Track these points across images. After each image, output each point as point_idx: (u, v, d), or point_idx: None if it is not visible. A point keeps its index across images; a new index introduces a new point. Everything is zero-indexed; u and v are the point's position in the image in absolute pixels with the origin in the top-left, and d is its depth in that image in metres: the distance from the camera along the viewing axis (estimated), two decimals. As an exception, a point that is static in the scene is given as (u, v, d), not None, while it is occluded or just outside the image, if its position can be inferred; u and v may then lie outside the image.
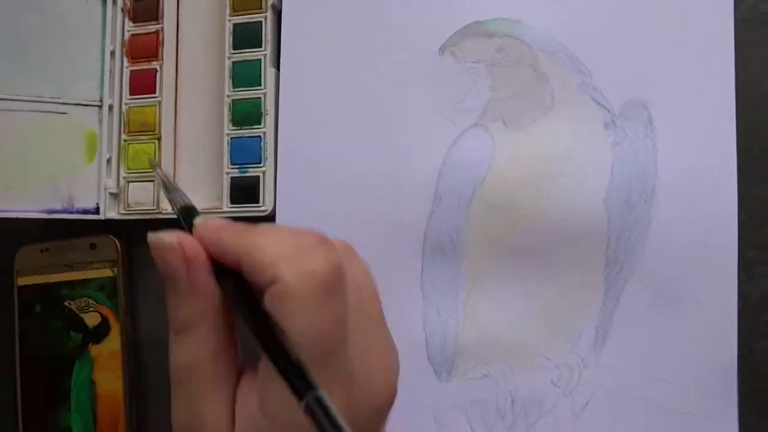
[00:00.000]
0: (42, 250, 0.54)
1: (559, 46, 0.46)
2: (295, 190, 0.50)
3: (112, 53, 0.53)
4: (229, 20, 0.51)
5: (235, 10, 0.51)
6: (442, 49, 0.48)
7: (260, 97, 0.50)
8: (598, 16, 0.45)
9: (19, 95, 0.51)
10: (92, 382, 0.53)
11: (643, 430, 0.44)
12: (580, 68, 0.45)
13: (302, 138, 0.50)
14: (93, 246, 0.53)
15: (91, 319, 0.53)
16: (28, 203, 0.51)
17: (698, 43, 0.43)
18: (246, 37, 0.51)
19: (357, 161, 0.49)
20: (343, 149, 0.49)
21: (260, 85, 0.50)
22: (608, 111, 0.45)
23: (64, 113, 0.52)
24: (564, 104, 0.45)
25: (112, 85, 0.53)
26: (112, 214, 0.53)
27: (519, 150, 0.46)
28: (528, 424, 0.46)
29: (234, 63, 0.51)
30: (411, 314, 0.48)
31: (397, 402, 0.47)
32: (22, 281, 0.54)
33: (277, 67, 0.51)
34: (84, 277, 0.53)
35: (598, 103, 0.45)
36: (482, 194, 0.46)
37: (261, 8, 0.50)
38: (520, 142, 0.46)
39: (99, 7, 0.53)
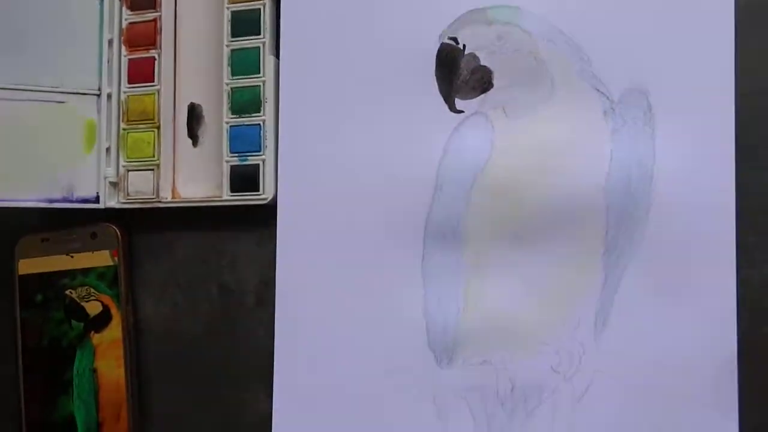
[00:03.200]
0: (43, 240, 0.54)
1: (558, 34, 0.45)
2: (297, 178, 0.50)
3: (110, 42, 0.53)
4: (228, 8, 0.51)
5: (236, -2, 0.51)
6: (441, 37, 0.47)
7: (259, 85, 0.50)
8: (597, 3, 0.45)
9: (17, 84, 0.51)
10: (94, 371, 0.53)
11: (643, 416, 0.44)
12: (579, 55, 0.45)
13: (303, 126, 0.50)
14: (94, 235, 0.53)
15: (92, 308, 0.53)
16: (28, 193, 0.51)
17: (698, 31, 0.43)
18: (245, 24, 0.50)
19: (358, 149, 0.49)
20: (343, 137, 0.49)
21: (259, 73, 0.50)
22: (608, 98, 0.45)
23: (63, 102, 0.52)
24: (563, 92, 0.46)
25: (110, 74, 0.53)
26: (112, 203, 0.53)
27: (519, 137, 0.46)
28: (528, 410, 0.46)
29: (233, 51, 0.51)
30: (412, 301, 0.48)
31: (397, 388, 0.48)
32: (23, 271, 0.54)
33: (276, 55, 0.51)
34: (84, 266, 0.53)
35: (598, 91, 0.45)
36: (483, 182, 0.47)
37: (259, -5, 0.50)
38: (520, 130, 0.46)
39: (97, -4, 0.53)
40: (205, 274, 0.52)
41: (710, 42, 0.43)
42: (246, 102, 0.50)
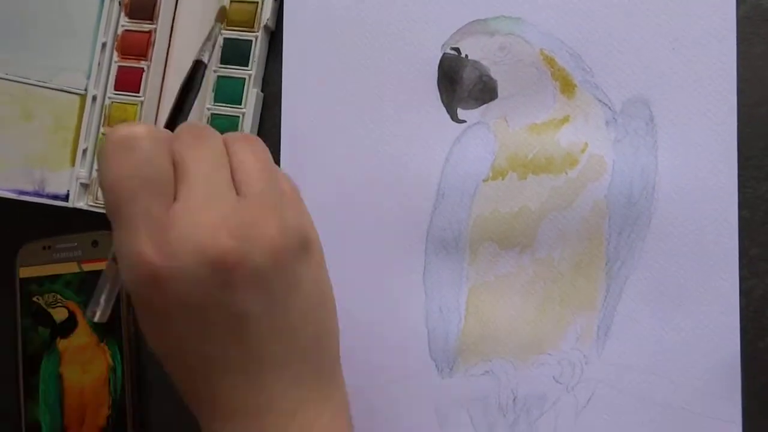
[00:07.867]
0: (44, 248, 0.53)
1: (560, 44, 0.46)
2: (299, 188, 0.49)
3: (104, 45, 0.52)
4: (221, 34, 0.50)
5: (230, 24, 0.50)
6: (444, 47, 0.48)
7: (239, 116, 0.50)
8: (599, 14, 0.46)
9: (7, 74, 0.50)
10: (59, 376, 0.52)
11: (645, 427, 0.44)
12: (581, 66, 0.46)
13: (306, 135, 0.50)
14: (95, 243, 0.52)
15: (59, 314, 0.52)
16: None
17: (700, 41, 0.44)
18: (235, 53, 0.50)
19: (361, 159, 0.49)
20: (346, 147, 0.49)
21: (241, 104, 0.50)
22: (610, 108, 0.45)
23: (49, 98, 0.51)
24: (565, 102, 0.46)
25: (98, 77, 0.52)
26: (81, 203, 0.51)
27: (521, 147, 0.46)
28: (530, 420, 0.46)
29: (219, 77, 0.50)
30: (413, 310, 0.47)
31: (398, 398, 0.47)
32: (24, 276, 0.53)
33: (262, 88, 0.51)
34: (51, 273, 0.52)
35: (600, 101, 0.45)
36: (484, 191, 0.46)
37: (253, 27, 0.50)
38: (521, 140, 0.46)
39: (97, -3, 0.52)
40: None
41: (712, 52, 0.44)
42: (224, 130, 0.49)
